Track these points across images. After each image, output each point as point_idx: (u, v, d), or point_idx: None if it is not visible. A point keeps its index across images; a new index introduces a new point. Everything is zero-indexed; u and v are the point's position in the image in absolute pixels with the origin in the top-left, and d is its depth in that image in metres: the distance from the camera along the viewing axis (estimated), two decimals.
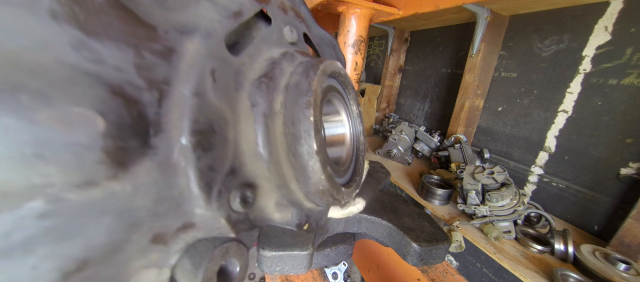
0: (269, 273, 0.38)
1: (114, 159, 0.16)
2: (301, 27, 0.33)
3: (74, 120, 0.14)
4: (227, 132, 0.22)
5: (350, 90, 0.36)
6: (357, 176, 0.35)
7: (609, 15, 0.81)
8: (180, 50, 0.20)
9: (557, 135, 0.94)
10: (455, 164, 1.00)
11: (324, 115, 0.36)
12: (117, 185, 0.16)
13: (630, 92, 0.78)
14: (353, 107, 0.36)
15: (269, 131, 0.24)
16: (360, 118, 0.37)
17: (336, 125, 0.37)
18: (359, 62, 0.55)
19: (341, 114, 0.37)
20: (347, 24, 0.53)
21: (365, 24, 0.54)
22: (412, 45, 1.59)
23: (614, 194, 0.81)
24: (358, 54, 0.54)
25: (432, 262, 0.34)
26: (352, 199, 0.35)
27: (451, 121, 1.20)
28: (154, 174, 0.18)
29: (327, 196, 0.26)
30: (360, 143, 0.38)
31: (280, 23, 0.30)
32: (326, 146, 0.37)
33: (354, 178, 0.35)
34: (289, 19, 0.31)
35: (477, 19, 1.01)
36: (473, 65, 1.08)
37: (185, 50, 0.20)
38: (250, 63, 0.26)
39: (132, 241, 0.17)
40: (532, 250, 0.73)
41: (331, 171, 0.27)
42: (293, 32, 0.31)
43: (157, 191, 0.18)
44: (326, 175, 0.25)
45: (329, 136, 0.37)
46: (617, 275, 0.61)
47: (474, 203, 0.81)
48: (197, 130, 0.19)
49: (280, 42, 0.30)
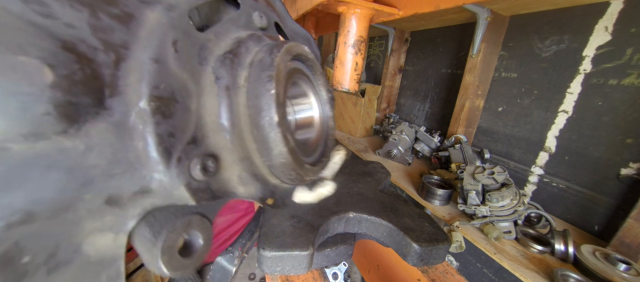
0: (269, 273, 0.39)
1: (64, 114, 0.16)
2: (272, 16, 0.34)
3: (19, 68, 0.14)
4: (189, 102, 0.22)
5: (318, 75, 0.36)
6: (325, 157, 0.36)
7: (609, 15, 0.81)
8: (140, 18, 0.20)
9: (557, 135, 0.94)
10: (455, 164, 1.00)
11: (292, 98, 0.37)
12: (67, 141, 0.16)
13: (630, 92, 0.78)
14: (322, 92, 0.37)
15: (232, 103, 0.25)
16: (330, 103, 0.38)
17: (305, 108, 0.38)
18: (359, 62, 0.55)
19: (309, 97, 0.37)
20: (347, 24, 0.53)
21: (365, 24, 0.54)
22: (412, 45, 1.59)
23: (614, 194, 0.81)
24: (358, 54, 0.54)
25: (432, 262, 0.34)
26: (318, 178, 0.35)
27: (451, 121, 1.20)
28: (109, 134, 0.18)
29: (290, 169, 0.27)
30: (330, 127, 0.39)
31: (249, 8, 0.31)
32: (295, 126, 0.37)
33: (321, 159, 0.35)
34: (259, 6, 0.32)
35: (477, 19, 1.01)
36: (473, 65, 1.08)
37: (145, 18, 0.20)
38: (216, 40, 0.26)
39: (84, 200, 0.17)
40: (532, 250, 0.73)
41: (294, 145, 0.27)
42: (262, 18, 0.31)
43: (112, 151, 0.18)
44: (288, 147, 0.26)
45: (298, 119, 0.38)
46: (617, 275, 0.61)
47: (474, 203, 0.81)
48: (157, 95, 0.20)
49: (249, 26, 0.30)
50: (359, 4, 0.50)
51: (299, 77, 0.34)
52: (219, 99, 0.24)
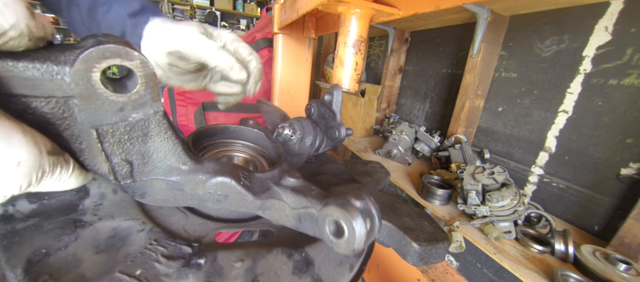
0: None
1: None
2: None
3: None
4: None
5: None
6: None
7: (609, 15, 0.81)
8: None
9: (557, 135, 0.94)
10: (455, 164, 1.00)
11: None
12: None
13: (630, 92, 0.78)
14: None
15: None
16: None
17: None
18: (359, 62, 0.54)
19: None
20: (347, 24, 0.52)
21: (365, 24, 0.54)
22: (412, 45, 1.59)
23: (614, 194, 0.81)
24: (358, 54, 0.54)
25: (432, 261, 0.34)
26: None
27: (451, 121, 1.20)
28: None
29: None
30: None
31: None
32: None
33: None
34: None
35: (477, 19, 1.01)
36: (473, 65, 1.08)
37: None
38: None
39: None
40: (532, 250, 0.73)
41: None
42: None
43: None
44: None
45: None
46: (617, 275, 0.61)
47: (474, 203, 0.81)
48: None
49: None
50: (359, 4, 0.50)
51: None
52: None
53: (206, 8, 5.74)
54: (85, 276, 0.21)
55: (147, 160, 0.24)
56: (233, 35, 0.46)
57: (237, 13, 6.07)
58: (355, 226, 0.23)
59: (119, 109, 0.20)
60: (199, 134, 0.40)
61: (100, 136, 0.20)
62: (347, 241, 0.24)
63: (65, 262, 0.22)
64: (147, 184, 0.26)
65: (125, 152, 0.22)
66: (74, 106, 0.18)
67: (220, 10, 5.75)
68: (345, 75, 0.55)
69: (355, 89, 0.57)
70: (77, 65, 0.16)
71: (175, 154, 0.25)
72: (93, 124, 0.19)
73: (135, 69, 0.19)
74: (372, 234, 0.25)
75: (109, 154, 0.22)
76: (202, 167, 0.28)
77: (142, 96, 0.20)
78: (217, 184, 0.27)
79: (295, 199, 0.28)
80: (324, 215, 0.25)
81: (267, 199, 0.28)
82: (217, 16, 5.64)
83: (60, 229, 0.24)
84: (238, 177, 0.28)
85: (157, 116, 0.22)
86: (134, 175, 0.24)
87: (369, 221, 0.24)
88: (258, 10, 6.14)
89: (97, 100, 0.18)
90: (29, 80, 0.16)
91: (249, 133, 0.47)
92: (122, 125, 0.20)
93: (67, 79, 0.16)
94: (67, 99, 0.17)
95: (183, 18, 5.61)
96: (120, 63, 0.18)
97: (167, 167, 0.26)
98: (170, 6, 5.45)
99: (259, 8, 6.16)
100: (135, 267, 0.22)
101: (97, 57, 0.17)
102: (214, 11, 5.66)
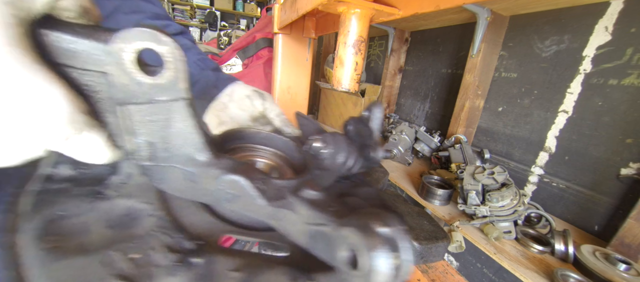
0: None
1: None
2: None
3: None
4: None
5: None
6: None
7: (609, 15, 0.81)
8: None
9: (557, 136, 0.94)
10: (455, 164, 1.00)
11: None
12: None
13: (630, 92, 0.78)
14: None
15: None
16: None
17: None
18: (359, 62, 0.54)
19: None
20: (347, 24, 0.52)
21: (365, 24, 0.54)
22: (412, 45, 1.59)
23: (614, 194, 0.81)
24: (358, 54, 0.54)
25: (432, 259, 0.34)
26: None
27: (451, 121, 1.20)
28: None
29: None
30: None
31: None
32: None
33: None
34: None
35: (477, 19, 1.01)
36: (473, 65, 1.08)
37: None
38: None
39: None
40: (532, 250, 0.73)
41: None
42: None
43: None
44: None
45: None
46: (617, 275, 0.61)
47: (474, 203, 0.81)
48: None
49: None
50: (359, 4, 0.50)
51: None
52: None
53: (206, 8, 5.75)
54: (84, 246, 0.22)
55: (167, 145, 0.25)
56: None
57: (237, 13, 6.07)
58: (374, 259, 0.18)
59: (147, 91, 0.20)
60: (230, 135, 0.41)
61: (126, 113, 0.21)
62: (363, 276, 0.19)
63: (74, 229, 0.23)
64: (166, 170, 0.26)
65: (148, 133, 0.23)
66: (106, 81, 0.19)
67: (220, 10, 5.75)
68: (345, 75, 0.55)
69: (355, 89, 0.57)
70: (112, 43, 0.17)
71: (194, 144, 0.25)
72: (121, 101, 0.20)
73: (165, 55, 0.19)
74: (400, 274, 0.19)
75: (134, 133, 0.22)
76: (219, 163, 0.27)
77: (169, 81, 0.21)
78: (229, 181, 0.26)
79: (310, 213, 0.25)
80: (337, 236, 0.21)
81: (280, 208, 0.26)
82: (217, 16, 5.64)
83: (82, 196, 0.25)
84: (253, 178, 0.27)
85: (181, 103, 0.22)
86: (154, 157, 0.25)
87: (395, 255, 0.19)
88: (258, 10, 6.14)
89: (127, 78, 0.19)
90: (70, 52, 0.17)
91: (279, 141, 0.46)
92: (149, 106, 0.21)
93: (103, 57, 0.18)
94: (101, 74, 0.19)
95: (183, 18, 5.61)
96: (151, 47, 0.18)
97: (185, 155, 0.26)
98: (171, 6, 5.46)
99: (259, 8, 6.16)
100: (132, 249, 0.22)
101: (131, 38, 0.18)
102: (214, 11, 5.66)
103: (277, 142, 0.46)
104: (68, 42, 0.17)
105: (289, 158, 0.46)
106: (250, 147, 0.45)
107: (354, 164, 0.47)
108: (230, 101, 0.56)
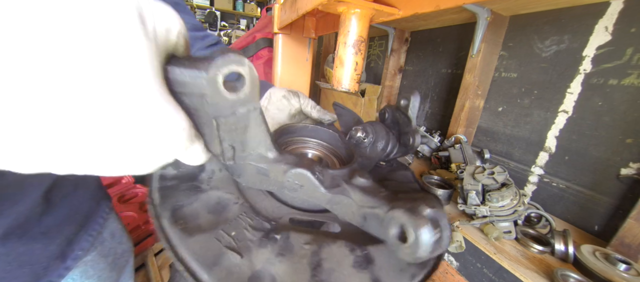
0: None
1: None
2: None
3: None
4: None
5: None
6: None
7: (609, 15, 0.81)
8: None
9: (557, 136, 0.94)
10: (455, 164, 1.00)
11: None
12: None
13: (630, 92, 0.78)
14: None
15: None
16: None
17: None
18: (359, 62, 0.54)
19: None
20: (347, 24, 0.52)
21: (365, 24, 0.54)
22: (412, 45, 1.59)
23: (614, 194, 0.81)
24: (358, 54, 0.54)
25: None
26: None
27: (451, 121, 1.20)
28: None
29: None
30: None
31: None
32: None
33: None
34: None
35: (477, 19, 1.01)
36: (473, 65, 1.08)
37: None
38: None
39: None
40: (532, 250, 0.73)
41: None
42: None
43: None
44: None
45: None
46: (617, 275, 0.61)
47: (474, 203, 0.81)
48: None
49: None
50: (359, 4, 0.50)
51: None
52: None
53: (206, 8, 5.74)
54: (202, 227, 0.30)
55: (245, 146, 0.29)
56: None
57: (237, 13, 6.07)
58: (421, 233, 0.23)
59: (231, 105, 0.24)
60: (283, 130, 0.47)
61: (218, 125, 0.25)
62: (411, 247, 0.24)
63: (191, 214, 0.31)
64: (243, 166, 0.31)
65: (232, 138, 0.27)
66: (204, 102, 0.23)
67: (220, 10, 5.75)
68: (345, 75, 0.55)
69: (355, 89, 0.57)
70: (211, 71, 0.21)
71: (265, 145, 0.30)
72: (214, 115, 0.24)
73: (245, 73, 0.23)
74: (439, 246, 0.24)
75: (221, 140, 0.27)
76: (284, 158, 0.32)
77: (247, 95, 0.24)
78: (296, 174, 0.31)
79: (363, 198, 0.29)
80: (389, 217, 0.26)
81: (337, 195, 0.31)
82: (217, 16, 5.64)
83: (189, 190, 0.34)
84: (314, 170, 0.32)
85: (256, 111, 0.27)
86: (235, 158, 0.29)
87: (437, 231, 0.24)
88: (258, 10, 6.13)
89: (219, 97, 0.23)
90: (179, 82, 0.21)
91: (324, 133, 0.52)
92: (232, 117, 0.25)
93: (204, 82, 0.21)
94: (201, 96, 0.22)
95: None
96: (235, 69, 0.22)
97: (258, 154, 0.31)
98: None
99: (259, 8, 6.16)
100: (231, 229, 0.30)
101: (222, 65, 0.21)
102: (214, 11, 5.66)
103: (322, 134, 0.52)
104: (180, 75, 0.21)
105: (334, 148, 0.51)
106: (299, 140, 0.50)
107: (391, 150, 0.52)
108: (269, 104, 0.62)
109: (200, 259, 0.26)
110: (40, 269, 0.39)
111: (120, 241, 0.57)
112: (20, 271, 0.37)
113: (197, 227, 0.29)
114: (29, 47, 0.13)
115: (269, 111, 0.62)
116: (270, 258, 0.27)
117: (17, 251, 0.36)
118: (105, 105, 0.15)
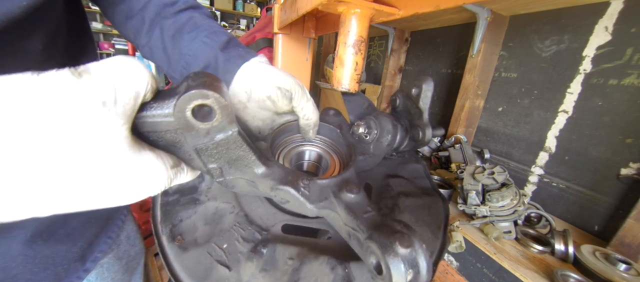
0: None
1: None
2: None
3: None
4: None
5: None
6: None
7: (609, 15, 0.81)
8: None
9: (557, 135, 0.94)
10: (455, 164, 1.00)
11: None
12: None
13: (630, 92, 0.78)
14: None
15: None
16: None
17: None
18: (359, 62, 0.54)
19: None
20: (347, 24, 0.52)
21: (365, 24, 0.54)
22: (412, 45, 1.59)
23: (614, 194, 0.81)
24: (358, 54, 0.54)
25: None
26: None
27: (451, 121, 1.20)
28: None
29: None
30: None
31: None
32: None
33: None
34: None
35: (477, 19, 1.01)
36: (473, 65, 1.08)
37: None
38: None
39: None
40: (532, 250, 0.73)
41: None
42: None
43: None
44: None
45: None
46: (617, 275, 0.61)
47: (474, 203, 0.81)
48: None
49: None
50: (359, 4, 0.50)
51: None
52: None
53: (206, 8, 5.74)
54: (197, 241, 0.32)
55: (231, 165, 0.31)
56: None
57: (237, 13, 6.07)
58: (394, 273, 0.23)
59: (207, 133, 0.26)
60: (280, 131, 0.47)
61: (198, 152, 0.27)
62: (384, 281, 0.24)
63: (188, 229, 0.33)
64: (234, 181, 0.33)
65: (216, 161, 0.29)
66: (180, 134, 0.25)
67: (220, 10, 5.75)
68: (345, 75, 0.55)
69: (355, 89, 0.57)
70: (176, 109, 0.22)
71: (251, 162, 0.31)
72: (193, 144, 0.26)
73: (211, 104, 0.24)
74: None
75: (205, 163, 0.29)
76: (271, 173, 0.33)
77: (220, 122, 0.25)
78: (281, 191, 0.32)
79: (347, 216, 0.29)
80: (367, 246, 0.26)
81: (324, 209, 0.32)
82: (217, 16, 5.63)
83: (188, 204, 0.37)
84: (298, 186, 0.32)
85: (234, 135, 0.28)
86: (224, 175, 0.31)
87: (412, 271, 0.23)
88: (258, 10, 6.13)
89: (192, 128, 0.24)
90: (152, 124, 0.23)
91: (324, 129, 0.50)
92: (211, 144, 0.27)
93: (172, 119, 0.23)
94: (175, 130, 0.24)
95: None
96: (201, 102, 0.23)
97: (245, 170, 0.32)
98: None
99: (259, 8, 6.16)
100: (223, 241, 0.32)
101: (187, 101, 0.22)
102: (214, 11, 5.66)
103: (323, 130, 0.50)
104: (151, 119, 0.23)
105: (335, 143, 0.50)
106: (299, 138, 0.49)
107: (399, 144, 0.49)
108: (249, 101, 0.46)
109: (192, 274, 0.29)
110: (62, 271, 0.39)
111: (134, 243, 0.57)
112: (44, 273, 0.37)
113: (193, 242, 0.32)
114: (29, 159, 0.18)
115: (249, 110, 0.46)
116: (254, 273, 0.29)
117: (43, 253, 0.37)
118: (90, 171, 0.20)
